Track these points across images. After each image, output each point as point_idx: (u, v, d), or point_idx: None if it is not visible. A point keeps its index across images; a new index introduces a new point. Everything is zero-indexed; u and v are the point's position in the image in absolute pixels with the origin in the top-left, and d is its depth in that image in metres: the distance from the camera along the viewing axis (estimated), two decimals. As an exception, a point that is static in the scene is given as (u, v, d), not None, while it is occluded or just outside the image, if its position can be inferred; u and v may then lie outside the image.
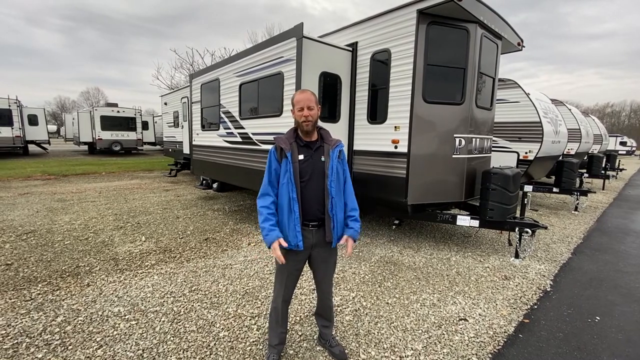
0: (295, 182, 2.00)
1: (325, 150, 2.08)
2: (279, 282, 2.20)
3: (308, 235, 2.08)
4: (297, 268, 2.18)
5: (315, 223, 2.07)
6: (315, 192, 2.05)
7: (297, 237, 2.02)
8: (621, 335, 2.68)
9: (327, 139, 2.13)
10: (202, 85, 7.40)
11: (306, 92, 2.05)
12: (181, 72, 24.09)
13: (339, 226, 2.11)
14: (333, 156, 2.06)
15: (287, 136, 2.09)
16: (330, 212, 2.04)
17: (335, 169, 2.05)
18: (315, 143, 2.10)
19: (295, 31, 4.45)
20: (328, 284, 2.29)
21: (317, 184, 2.05)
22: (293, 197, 1.99)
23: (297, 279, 2.23)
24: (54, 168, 13.32)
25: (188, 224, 5.65)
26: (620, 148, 34.57)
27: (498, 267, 4.02)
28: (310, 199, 2.04)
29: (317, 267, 2.23)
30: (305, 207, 2.04)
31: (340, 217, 2.12)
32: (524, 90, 7.57)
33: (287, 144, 2.03)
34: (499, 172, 4.24)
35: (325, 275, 2.25)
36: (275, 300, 2.24)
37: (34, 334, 2.52)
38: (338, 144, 2.12)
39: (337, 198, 2.07)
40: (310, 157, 2.06)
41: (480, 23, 4.27)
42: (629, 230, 5.88)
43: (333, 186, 2.04)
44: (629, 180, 14.02)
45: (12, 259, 3.95)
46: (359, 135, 4.98)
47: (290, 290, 2.23)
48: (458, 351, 2.43)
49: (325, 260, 2.20)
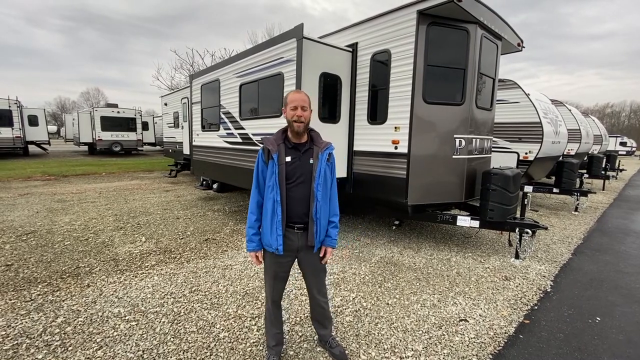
0: (281, 185, 1.97)
1: (315, 152, 2.04)
2: (267, 284, 2.20)
3: (293, 237, 2.05)
4: (282, 270, 2.15)
5: (301, 226, 2.04)
6: (301, 194, 2.01)
7: (277, 240, 1.98)
8: (622, 336, 2.68)
9: (317, 142, 2.08)
10: (202, 86, 7.40)
11: (301, 92, 2.03)
12: (181, 72, 24.15)
13: (322, 230, 2.08)
14: (322, 159, 2.02)
15: (276, 137, 2.05)
16: (315, 216, 2.01)
17: (323, 172, 2.01)
18: (304, 145, 2.06)
19: (295, 32, 4.45)
20: (319, 288, 2.25)
21: (304, 187, 2.01)
22: (277, 200, 1.96)
23: (284, 281, 2.20)
24: (54, 169, 13.32)
25: (188, 225, 5.65)
26: (620, 148, 34.59)
27: (498, 268, 4.02)
28: (296, 202, 2.01)
29: (305, 271, 2.22)
30: (291, 209, 2.01)
31: (324, 222, 2.08)
32: (524, 90, 7.57)
33: (275, 146, 2.00)
34: (499, 172, 4.24)
35: (314, 278, 2.22)
36: (267, 301, 2.24)
37: (34, 335, 2.52)
38: (328, 146, 2.07)
39: (323, 202, 2.04)
40: (298, 159, 2.02)
41: (480, 24, 4.27)
42: (629, 231, 5.88)
43: (319, 190, 2.00)
44: (629, 180, 14.02)
45: (12, 260, 3.95)
46: (359, 136, 4.99)
47: (278, 292, 2.20)
48: (458, 352, 2.43)
49: (312, 263, 2.17)
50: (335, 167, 2.17)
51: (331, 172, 2.11)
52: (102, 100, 61.95)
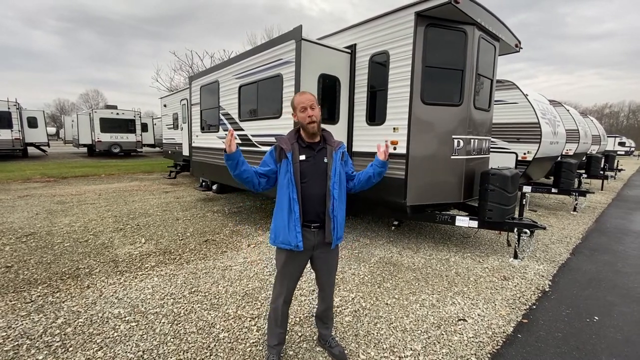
0: (296, 183, 1.99)
1: (329, 151, 2.08)
2: (280, 283, 2.20)
3: (309, 236, 2.08)
4: (298, 270, 2.18)
5: (317, 224, 2.07)
6: (316, 193, 2.04)
7: (297, 237, 2.01)
8: (620, 335, 2.69)
9: (329, 141, 2.13)
10: (202, 87, 7.41)
11: (306, 93, 2.06)
12: (180, 74, 24.19)
13: (339, 227, 2.11)
14: (336, 158, 2.06)
15: (289, 137, 2.09)
16: (332, 214, 2.04)
17: (338, 170, 2.05)
18: (318, 144, 2.10)
19: (294, 33, 4.47)
20: (331, 286, 2.30)
21: (319, 185, 2.04)
22: (293, 198, 1.99)
23: (297, 280, 2.24)
24: (53, 170, 13.31)
25: (188, 226, 5.65)
26: (619, 148, 34.67)
27: (497, 268, 4.03)
28: (312, 200, 2.04)
29: (319, 269, 2.24)
30: (306, 207, 2.03)
31: (341, 220, 2.12)
32: (522, 91, 7.60)
33: (288, 144, 2.03)
34: (497, 172, 4.26)
35: (328, 277, 2.26)
36: (276, 301, 2.23)
37: (35, 336, 2.53)
38: (341, 145, 2.13)
39: (339, 200, 2.07)
40: (312, 158, 2.06)
41: (477, 25, 4.29)
42: (627, 231, 5.90)
43: (336, 188, 2.03)
44: (627, 180, 14.06)
45: (12, 261, 3.96)
46: (358, 137, 5.00)
47: (291, 291, 2.23)
48: (457, 351, 2.44)
49: (327, 261, 2.21)
50: (351, 162, 2.26)
51: (347, 169, 2.18)
52: (102, 102, 61.97)
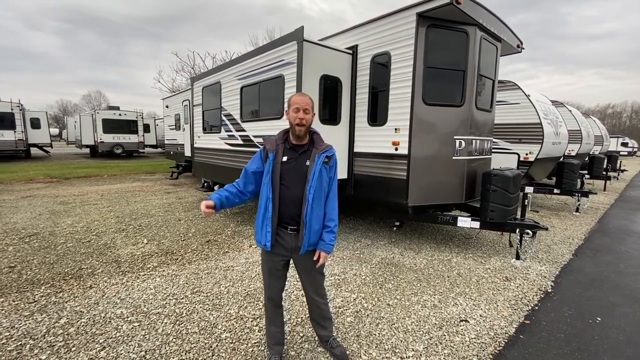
0: (274, 183, 1.99)
1: (312, 154, 2.03)
2: (264, 279, 2.23)
3: (287, 237, 2.05)
4: (276, 268, 2.15)
5: (294, 227, 2.04)
6: (294, 195, 2.01)
7: (266, 237, 2.00)
8: (622, 336, 2.68)
9: (317, 144, 2.07)
10: (204, 88, 7.44)
11: (305, 96, 2.05)
12: (182, 75, 24.21)
13: (312, 235, 2.02)
14: (318, 161, 1.99)
15: (276, 137, 2.08)
16: (305, 219, 1.98)
17: (317, 174, 1.98)
18: (303, 147, 2.06)
19: (295, 34, 4.49)
20: (315, 289, 2.23)
21: (298, 188, 2.00)
22: (269, 197, 1.99)
23: (279, 280, 2.20)
24: (56, 171, 13.37)
25: (190, 226, 5.67)
26: (622, 149, 34.51)
27: (499, 269, 4.03)
28: (289, 202, 2.01)
29: (298, 272, 2.22)
30: (283, 209, 2.01)
31: (316, 226, 2.03)
32: (524, 91, 7.59)
33: (273, 145, 2.03)
34: (499, 173, 4.26)
35: (309, 281, 2.21)
36: (264, 297, 2.26)
37: (38, 336, 2.54)
38: (327, 149, 2.05)
39: (316, 205, 2.00)
40: (294, 160, 2.03)
41: (479, 25, 4.29)
42: (630, 231, 5.87)
43: (312, 192, 1.97)
44: (630, 181, 13.99)
45: (15, 262, 3.98)
46: (360, 138, 5.01)
47: (273, 290, 2.20)
48: (459, 352, 2.44)
49: (304, 265, 2.16)
50: (336, 170, 2.14)
51: (331, 176, 2.09)
52: (104, 103, 62.22)
